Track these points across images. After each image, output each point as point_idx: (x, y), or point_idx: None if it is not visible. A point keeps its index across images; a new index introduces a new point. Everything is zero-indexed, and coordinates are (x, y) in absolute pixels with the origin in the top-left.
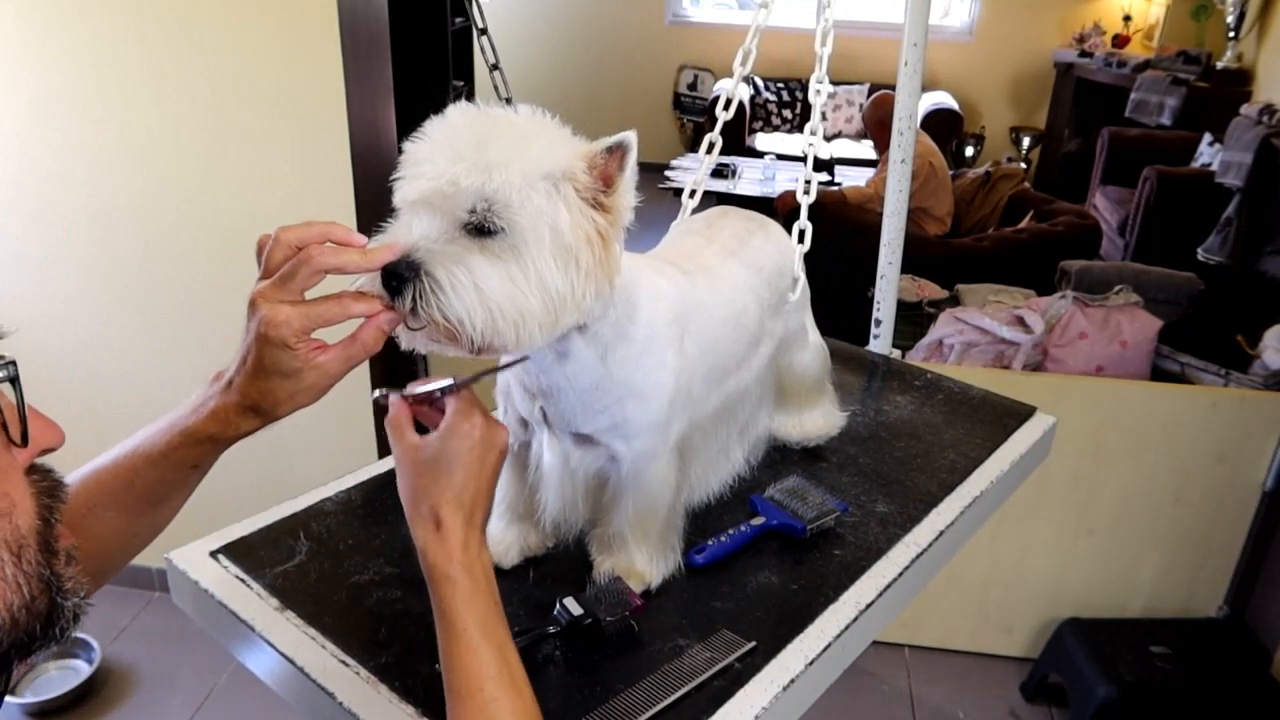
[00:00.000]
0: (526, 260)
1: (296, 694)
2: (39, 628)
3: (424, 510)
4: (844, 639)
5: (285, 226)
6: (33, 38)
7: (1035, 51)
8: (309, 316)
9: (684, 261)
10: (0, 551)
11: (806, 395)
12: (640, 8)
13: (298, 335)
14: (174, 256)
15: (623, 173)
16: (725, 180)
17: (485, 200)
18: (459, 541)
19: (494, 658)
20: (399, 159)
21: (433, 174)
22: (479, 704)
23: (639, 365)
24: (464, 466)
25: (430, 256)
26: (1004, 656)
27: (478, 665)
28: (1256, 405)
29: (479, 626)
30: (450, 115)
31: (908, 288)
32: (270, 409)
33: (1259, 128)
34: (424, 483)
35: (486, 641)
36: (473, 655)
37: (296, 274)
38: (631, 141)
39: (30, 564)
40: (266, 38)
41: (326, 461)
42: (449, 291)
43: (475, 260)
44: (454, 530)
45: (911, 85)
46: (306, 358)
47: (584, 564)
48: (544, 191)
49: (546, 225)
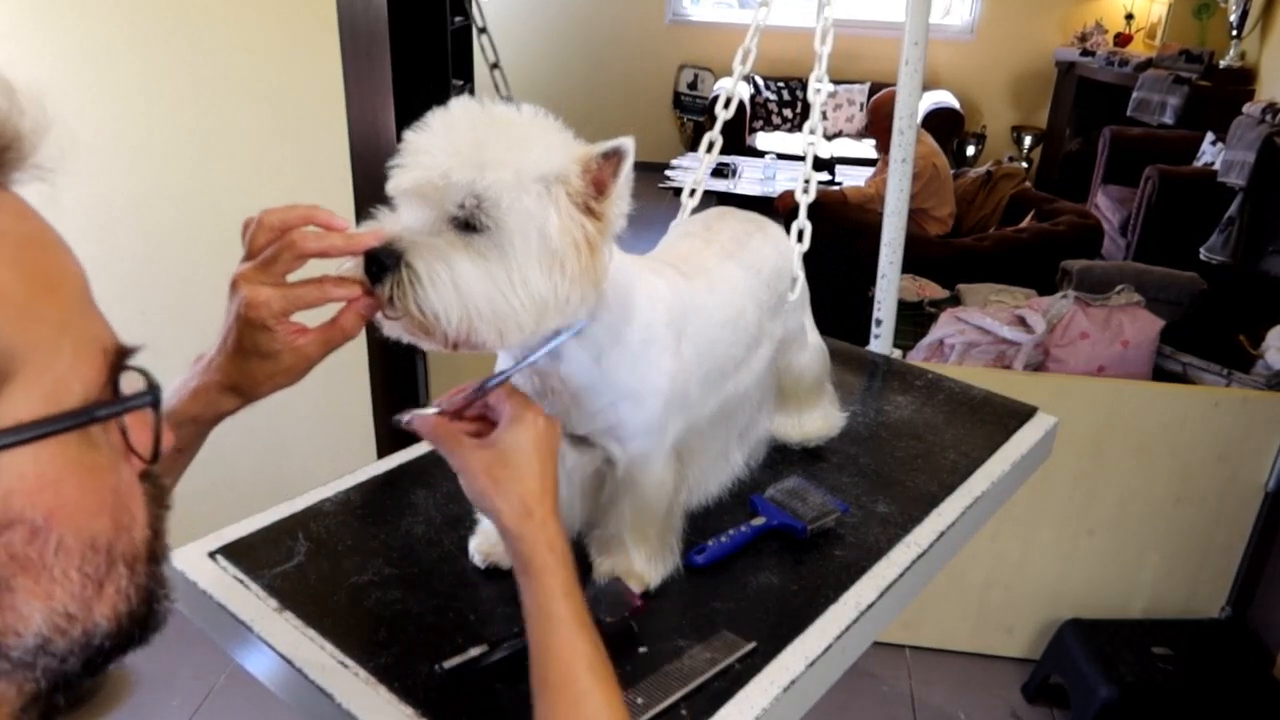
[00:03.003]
0: (510, 260)
1: (296, 695)
2: (137, 632)
3: (513, 503)
4: (844, 639)
5: (269, 209)
6: (30, 38)
7: (1037, 50)
8: (289, 299)
9: (682, 263)
10: (118, 565)
11: (806, 396)
12: (640, 7)
13: (277, 317)
14: (173, 256)
15: (617, 179)
16: (725, 180)
17: (475, 196)
18: (554, 529)
19: (589, 649)
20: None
21: (427, 165)
22: (573, 696)
23: (634, 368)
24: (537, 456)
25: (412, 247)
26: (1005, 657)
27: (574, 656)
28: (1258, 405)
29: (575, 616)
30: (453, 108)
31: (908, 287)
32: (250, 389)
33: (1261, 127)
34: (505, 476)
35: (583, 632)
36: (570, 645)
37: (279, 258)
38: (629, 148)
39: (140, 575)
40: (266, 37)
41: (326, 461)
42: (426, 285)
43: (457, 256)
44: (546, 519)
45: (912, 84)
46: (286, 340)
47: (584, 564)
48: (535, 193)
49: (535, 227)
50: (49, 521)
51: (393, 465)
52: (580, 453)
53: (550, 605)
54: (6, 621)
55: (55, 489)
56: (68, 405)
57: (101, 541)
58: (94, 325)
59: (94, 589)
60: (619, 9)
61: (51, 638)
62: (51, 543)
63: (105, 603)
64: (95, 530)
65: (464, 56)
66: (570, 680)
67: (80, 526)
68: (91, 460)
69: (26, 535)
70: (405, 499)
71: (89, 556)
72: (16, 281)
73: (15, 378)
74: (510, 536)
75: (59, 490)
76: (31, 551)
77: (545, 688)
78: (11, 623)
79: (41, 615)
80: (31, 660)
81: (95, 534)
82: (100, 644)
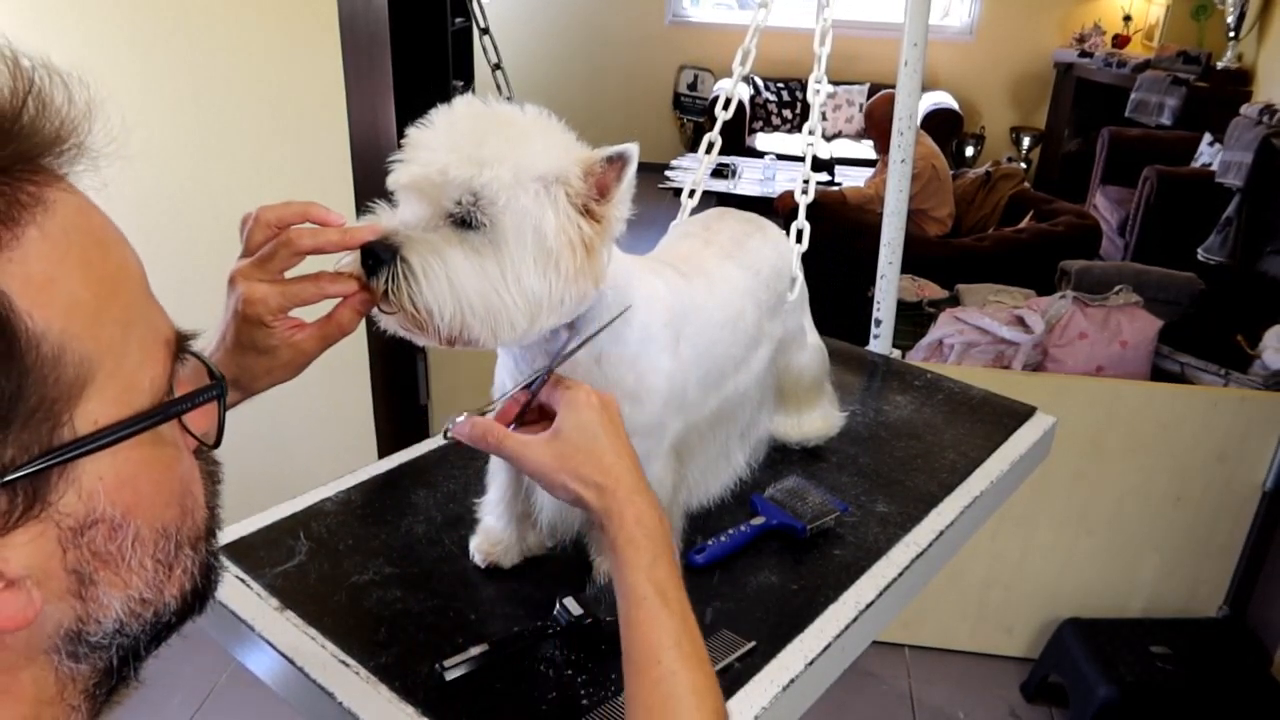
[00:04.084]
0: (505, 258)
1: (296, 694)
2: (198, 604)
3: (591, 485)
4: (844, 639)
5: (266, 206)
6: (30, 38)
7: (1035, 51)
8: (286, 295)
9: (681, 264)
10: (185, 548)
11: (805, 396)
12: (640, 8)
13: (274, 313)
14: (172, 255)
15: (620, 184)
16: (725, 180)
17: (472, 194)
18: (642, 503)
19: (674, 627)
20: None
21: (426, 161)
22: (655, 677)
23: (633, 368)
24: (604, 431)
25: (408, 242)
26: (1004, 656)
27: (657, 635)
28: (1257, 405)
29: (660, 595)
30: (456, 105)
31: (908, 288)
32: (248, 384)
33: (1259, 128)
34: (579, 460)
35: (667, 610)
36: (653, 622)
37: (276, 254)
38: (633, 154)
39: (201, 552)
40: (266, 37)
41: (327, 461)
42: (421, 280)
43: (452, 252)
44: (631, 493)
45: (911, 85)
46: (283, 335)
47: (584, 564)
48: (533, 192)
49: (531, 226)
50: (126, 517)
51: (393, 465)
52: None
53: (634, 582)
54: (89, 611)
55: (132, 486)
56: (139, 404)
57: (171, 529)
58: (155, 318)
59: (165, 573)
60: (619, 10)
61: (128, 622)
62: (129, 536)
63: (174, 584)
64: (166, 519)
65: (464, 57)
66: (652, 661)
67: (154, 518)
68: (161, 453)
69: (107, 533)
70: (406, 499)
71: (161, 544)
72: (85, 287)
73: (91, 383)
74: (599, 517)
75: (135, 486)
76: (111, 547)
77: (630, 668)
78: (93, 612)
79: (120, 603)
80: (108, 643)
81: (166, 523)
82: (167, 620)
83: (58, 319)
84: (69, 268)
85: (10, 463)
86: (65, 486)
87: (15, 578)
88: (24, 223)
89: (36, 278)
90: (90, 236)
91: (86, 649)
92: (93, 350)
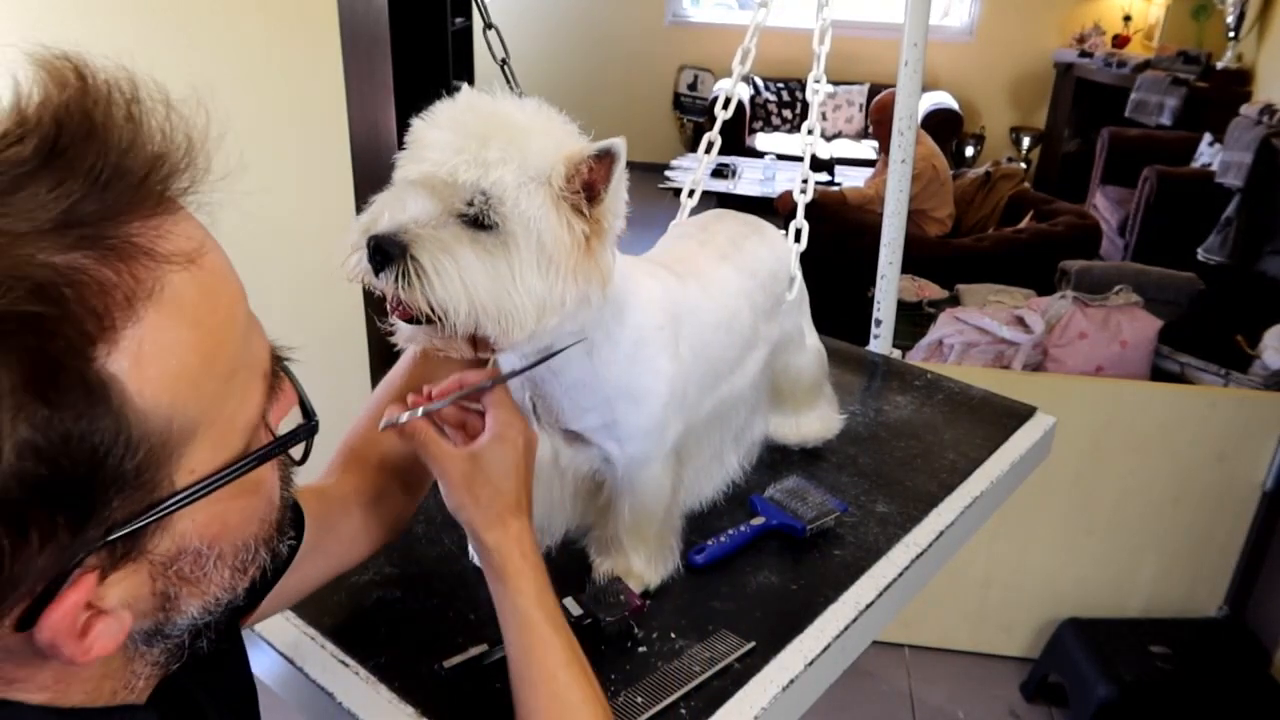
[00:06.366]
0: (514, 257)
1: (296, 693)
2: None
3: (490, 516)
4: (844, 639)
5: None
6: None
7: (1035, 51)
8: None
9: (676, 265)
10: (260, 550)
11: (804, 398)
12: (640, 8)
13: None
14: None
15: (609, 181)
16: (725, 180)
17: (483, 194)
18: (528, 539)
19: (564, 647)
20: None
21: (435, 160)
22: (552, 691)
23: (629, 368)
24: (515, 468)
25: (418, 240)
26: (1004, 656)
27: (551, 656)
28: (1256, 405)
29: (550, 620)
30: (460, 100)
31: (908, 288)
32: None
33: (1259, 128)
34: (485, 492)
35: (558, 635)
36: (546, 646)
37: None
38: (620, 149)
39: (272, 543)
40: (267, 38)
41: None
42: (433, 278)
43: (463, 251)
44: (522, 531)
45: (911, 85)
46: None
47: (583, 564)
48: (535, 191)
49: (535, 226)
50: (213, 545)
51: None
52: (575, 450)
53: (524, 609)
54: (169, 618)
55: (221, 520)
56: (235, 445)
57: (251, 541)
58: (255, 349)
59: (240, 576)
60: (619, 10)
61: (201, 616)
62: (213, 558)
63: (246, 579)
64: (247, 535)
65: (464, 57)
66: (548, 678)
67: (236, 538)
68: (248, 482)
69: (193, 561)
70: None
71: (240, 555)
72: (193, 351)
73: (192, 440)
74: (485, 547)
75: (225, 520)
76: (197, 571)
77: (525, 685)
78: (174, 618)
79: (198, 608)
80: (183, 634)
81: (247, 538)
82: (238, 605)
83: (165, 393)
84: (179, 336)
85: (114, 524)
86: (161, 535)
87: (110, 609)
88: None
89: (147, 356)
90: (201, 290)
91: (160, 639)
92: (195, 411)
